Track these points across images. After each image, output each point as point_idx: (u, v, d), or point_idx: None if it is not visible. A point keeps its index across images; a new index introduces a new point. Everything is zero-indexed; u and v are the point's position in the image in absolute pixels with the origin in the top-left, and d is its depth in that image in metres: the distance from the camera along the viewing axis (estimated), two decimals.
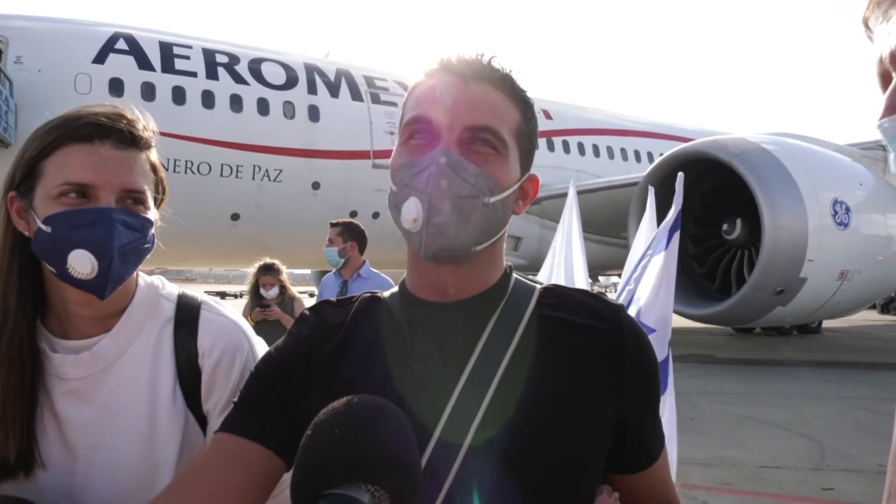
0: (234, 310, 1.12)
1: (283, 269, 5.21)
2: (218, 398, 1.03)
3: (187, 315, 1.05)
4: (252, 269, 5.23)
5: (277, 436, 0.83)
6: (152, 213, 1.00)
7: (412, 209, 0.80)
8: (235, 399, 0.90)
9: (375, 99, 14.23)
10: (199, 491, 0.81)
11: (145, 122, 1.02)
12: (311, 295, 24.04)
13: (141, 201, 0.98)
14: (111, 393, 0.99)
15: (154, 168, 1.02)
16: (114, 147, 0.95)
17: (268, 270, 5.12)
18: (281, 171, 12.63)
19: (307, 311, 0.94)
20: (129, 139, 0.97)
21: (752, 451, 5.65)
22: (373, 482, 0.64)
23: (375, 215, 13.55)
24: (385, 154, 13.76)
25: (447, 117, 0.82)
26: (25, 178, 0.96)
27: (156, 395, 1.00)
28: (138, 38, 12.21)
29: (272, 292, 5.08)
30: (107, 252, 0.91)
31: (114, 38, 11.92)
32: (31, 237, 0.95)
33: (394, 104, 14.32)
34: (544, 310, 0.87)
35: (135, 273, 1.02)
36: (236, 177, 11.98)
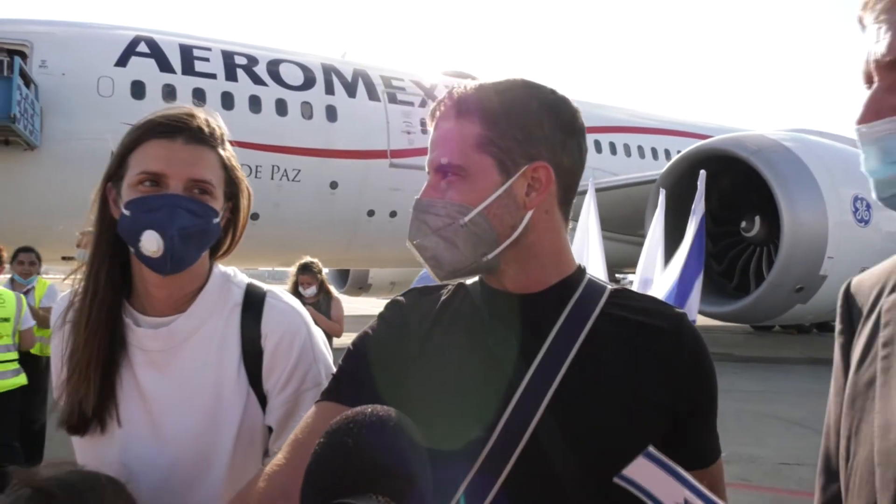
0: (296, 299, 1.22)
1: (323, 268, 5.31)
2: (277, 378, 1.12)
3: (254, 301, 1.15)
4: (291, 269, 5.35)
5: (377, 404, 0.90)
6: (218, 204, 1.10)
7: (414, 251, 0.95)
8: (334, 372, 1.00)
9: (392, 99, 14.28)
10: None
11: (216, 122, 1.15)
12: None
13: (207, 191, 1.08)
14: (184, 367, 1.10)
15: (225, 165, 1.13)
16: (185, 143, 1.07)
17: (306, 270, 5.23)
18: (299, 170, 12.74)
19: (400, 297, 1.05)
20: (199, 137, 1.09)
21: (771, 448, 5.64)
22: (383, 493, 0.66)
23: (393, 214, 13.62)
24: (402, 153, 13.82)
25: (428, 160, 0.96)
26: (117, 170, 1.10)
27: (222, 373, 1.10)
28: (159, 41, 12.38)
29: (310, 291, 5.19)
30: (167, 232, 1.02)
31: (135, 42, 12.09)
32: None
33: (410, 104, 14.37)
34: (612, 308, 0.95)
35: (205, 259, 1.13)
36: (255, 177, 12.10)
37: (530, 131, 0.93)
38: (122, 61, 11.76)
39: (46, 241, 6.29)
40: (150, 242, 1.01)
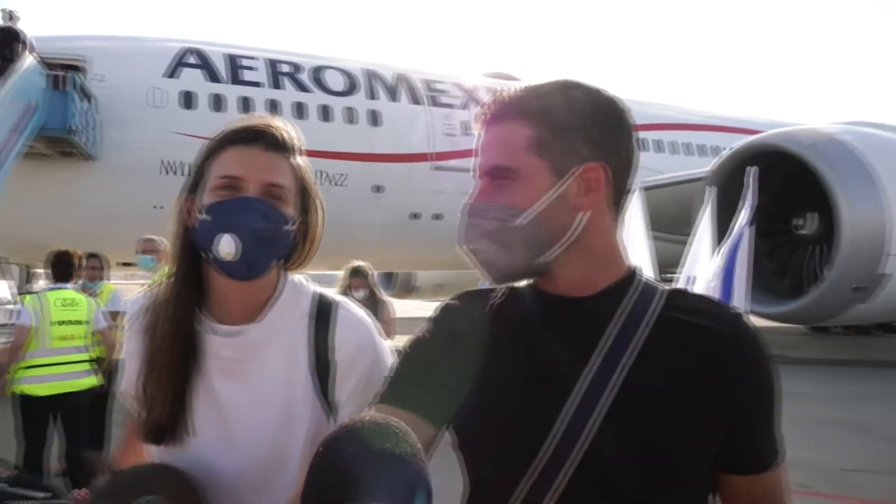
0: (365, 310, 1.22)
1: (373, 272, 5.37)
2: (346, 390, 1.14)
3: (324, 311, 1.16)
4: (341, 272, 5.43)
5: (432, 408, 0.91)
6: (291, 211, 1.11)
7: (467, 255, 0.94)
8: (390, 375, 0.99)
9: (434, 101, 14.35)
10: None
11: (292, 133, 1.16)
12: None
13: (281, 197, 1.09)
14: (256, 375, 1.12)
15: (299, 175, 1.14)
16: (262, 149, 1.09)
17: (357, 273, 5.31)
18: (345, 175, 12.92)
19: (452, 301, 1.05)
20: (276, 144, 1.11)
21: (831, 453, 5.45)
22: (382, 500, 0.66)
23: (437, 216, 13.66)
24: (444, 156, 13.86)
25: (477, 165, 0.96)
26: (196, 179, 1.12)
27: (293, 382, 1.12)
28: (207, 52, 12.73)
29: (361, 294, 5.25)
30: (241, 233, 1.03)
31: (184, 53, 12.47)
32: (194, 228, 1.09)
33: (452, 106, 14.41)
34: (668, 311, 0.92)
35: (276, 268, 1.13)
36: None
37: (580, 132, 0.92)
38: (172, 72, 12.14)
39: (105, 247, 6.52)
40: (227, 245, 1.02)
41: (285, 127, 1.15)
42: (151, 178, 10.99)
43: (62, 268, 4.82)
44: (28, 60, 9.75)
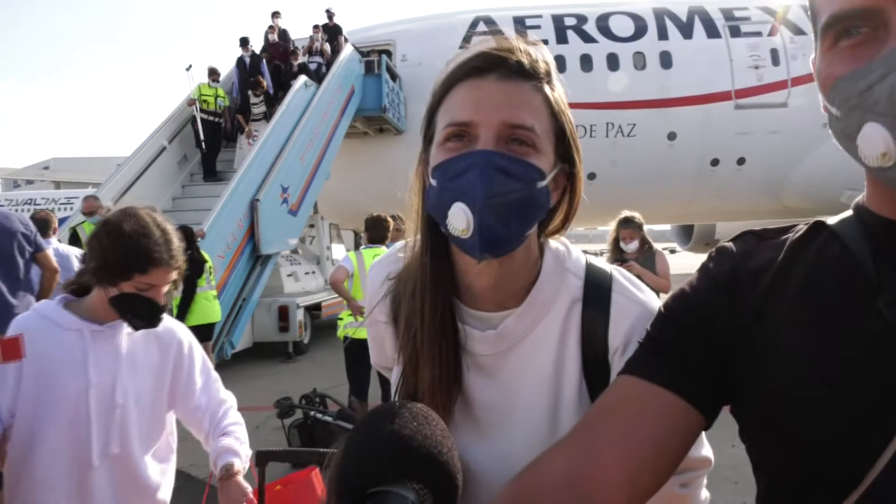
0: (647, 290, 0.94)
1: (644, 222, 5.06)
2: None
3: (597, 297, 0.90)
4: (612, 226, 5.19)
5: (694, 385, 0.74)
6: (544, 160, 0.83)
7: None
8: (640, 339, 0.81)
9: (735, 32, 12.87)
10: (605, 437, 0.75)
11: (542, 55, 0.88)
12: (672, 251, 22.59)
13: (528, 142, 0.82)
14: (514, 374, 0.91)
15: (553, 111, 0.86)
16: (498, 79, 0.83)
17: (627, 224, 5.03)
18: (634, 124, 12.39)
19: (728, 244, 0.81)
20: (518, 71, 0.84)
21: None
22: (419, 480, 0.66)
23: (741, 161, 12.37)
24: (748, 92, 12.41)
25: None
26: (427, 131, 0.90)
27: (560, 385, 0.90)
28: (495, 17, 13.24)
29: (632, 246, 4.96)
30: (473, 202, 0.78)
31: (475, 22, 13.16)
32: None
33: (757, 34, 12.78)
34: None
35: (533, 240, 0.90)
36: (590, 136, 12.13)
37: None
38: (465, 43, 12.87)
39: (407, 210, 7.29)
40: (458, 218, 0.79)
41: (531, 47, 0.87)
42: None
43: (376, 230, 5.42)
44: (347, 51, 11.20)
